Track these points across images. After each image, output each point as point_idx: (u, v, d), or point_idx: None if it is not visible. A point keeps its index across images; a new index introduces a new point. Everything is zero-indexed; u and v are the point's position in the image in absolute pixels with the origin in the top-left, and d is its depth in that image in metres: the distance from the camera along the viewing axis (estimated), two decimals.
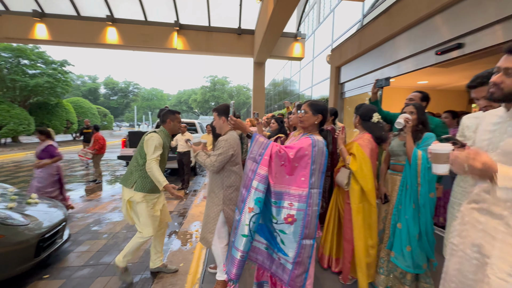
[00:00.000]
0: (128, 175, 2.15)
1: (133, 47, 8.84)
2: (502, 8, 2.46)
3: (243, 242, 1.48)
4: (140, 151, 2.16)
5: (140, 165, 2.14)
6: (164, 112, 2.25)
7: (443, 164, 1.13)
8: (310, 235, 1.53)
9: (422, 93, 2.42)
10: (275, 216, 1.52)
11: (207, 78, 43.75)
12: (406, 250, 1.83)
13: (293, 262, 1.49)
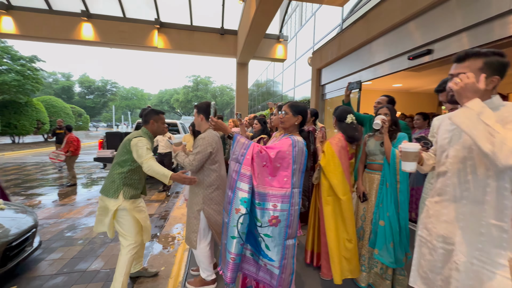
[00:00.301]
0: (110, 184, 1.95)
1: (110, 44, 8.49)
2: (468, 17, 2.65)
3: (234, 244, 1.50)
4: (123, 157, 1.95)
5: (124, 172, 1.95)
6: (147, 112, 2.08)
7: (412, 162, 1.22)
8: (293, 234, 1.56)
9: (389, 97, 2.58)
10: (259, 219, 1.52)
11: (190, 77, 43.04)
12: (390, 247, 1.90)
13: (280, 266, 1.50)
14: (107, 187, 1.96)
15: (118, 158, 1.98)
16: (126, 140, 1.97)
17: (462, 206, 1.08)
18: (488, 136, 0.86)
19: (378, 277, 2.06)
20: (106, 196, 1.94)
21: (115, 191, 1.93)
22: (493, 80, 1.01)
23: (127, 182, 1.97)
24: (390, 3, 3.68)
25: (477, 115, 0.90)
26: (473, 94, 0.94)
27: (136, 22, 8.39)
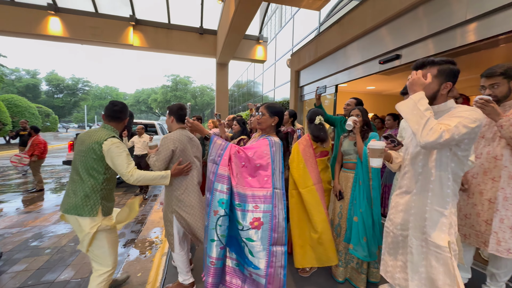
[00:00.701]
0: (83, 200, 1.60)
1: (81, 40, 8.03)
2: (433, 24, 2.86)
3: (213, 248, 1.45)
4: (93, 165, 1.61)
5: (100, 183, 1.64)
6: (123, 108, 1.79)
7: (378, 158, 1.34)
8: (280, 240, 1.47)
9: (357, 99, 2.74)
10: (240, 222, 1.46)
11: (169, 77, 41.87)
12: (363, 241, 1.99)
13: (266, 275, 1.40)
14: (78, 204, 1.60)
15: (85, 166, 1.61)
16: (93, 143, 1.60)
17: (413, 195, 1.22)
18: (418, 119, 1.03)
19: (355, 272, 2.16)
20: (79, 215, 1.59)
21: (92, 209, 1.61)
22: (446, 85, 1.15)
23: (104, 195, 1.67)
24: (362, 9, 3.86)
25: (414, 103, 1.06)
26: (419, 87, 1.10)
27: (110, 18, 8.02)
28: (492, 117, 1.50)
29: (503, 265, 1.71)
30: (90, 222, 1.61)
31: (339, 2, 6.46)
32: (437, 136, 0.98)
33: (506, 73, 1.55)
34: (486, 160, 1.66)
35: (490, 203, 1.63)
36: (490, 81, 1.61)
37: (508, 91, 1.58)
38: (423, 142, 1.01)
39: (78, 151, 1.65)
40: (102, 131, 1.68)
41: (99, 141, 1.61)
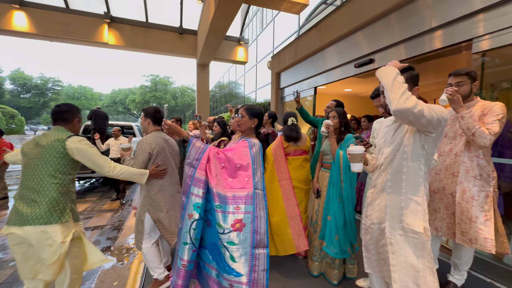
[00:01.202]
0: (49, 206, 1.43)
1: (50, 37, 7.54)
2: (404, 30, 3.02)
3: (185, 251, 1.43)
4: (57, 165, 1.49)
5: (66, 184, 1.51)
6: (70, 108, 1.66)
7: (359, 163, 1.40)
8: (262, 242, 1.45)
9: (337, 101, 2.85)
10: (221, 224, 1.39)
11: (148, 77, 40.64)
12: (335, 239, 2.08)
13: (248, 282, 1.35)
14: (44, 212, 1.41)
15: (46, 169, 1.47)
16: (54, 142, 1.49)
17: (388, 188, 1.30)
18: (398, 87, 1.11)
19: (329, 267, 2.25)
20: (48, 224, 1.40)
21: (63, 213, 1.45)
22: (415, 90, 1.26)
23: (71, 198, 1.55)
24: (338, 14, 4.01)
25: (396, 74, 1.16)
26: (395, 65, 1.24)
27: (82, 15, 7.61)
28: (455, 107, 1.65)
29: (463, 255, 1.86)
30: (63, 230, 1.44)
31: (317, 7, 6.65)
32: (412, 104, 1.06)
33: (470, 74, 1.73)
34: (448, 157, 1.81)
35: (452, 196, 1.77)
36: (457, 79, 1.76)
37: (469, 91, 1.75)
38: (399, 107, 1.07)
39: (33, 156, 1.50)
40: (57, 131, 1.56)
41: (60, 138, 1.51)
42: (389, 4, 3.07)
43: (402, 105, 1.05)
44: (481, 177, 1.67)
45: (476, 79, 1.74)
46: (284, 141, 2.57)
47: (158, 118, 2.06)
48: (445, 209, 1.83)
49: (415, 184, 1.22)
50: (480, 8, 2.20)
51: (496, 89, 2.34)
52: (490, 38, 2.17)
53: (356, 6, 3.61)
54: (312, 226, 2.37)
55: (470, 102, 1.77)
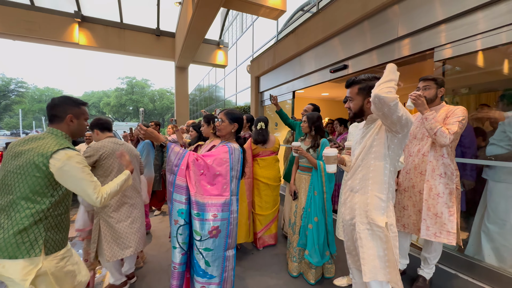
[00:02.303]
0: (16, 236, 1.13)
1: (12, 35, 7.00)
2: (376, 38, 3.17)
3: (175, 254, 1.49)
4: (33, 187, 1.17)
5: (44, 209, 1.19)
6: (59, 102, 1.34)
7: (333, 164, 1.49)
8: (232, 244, 1.58)
9: (314, 105, 2.93)
10: (199, 232, 1.47)
11: (123, 79, 39.03)
12: (316, 248, 2.13)
13: (220, 282, 1.50)
14: (8, 243, 1.12)
15: (21, 189, 1.16)
16: (36, 156, 1.17)
17: (357, 185, 1.36)
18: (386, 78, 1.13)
19: (307, 267, 2.29)
20: (10, 258, 1.12)
21: (32, 246, 1.15)
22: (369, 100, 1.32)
23: (51, 225, 1.22)
24: (314, 21, 4.14)
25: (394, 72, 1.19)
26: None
27: (49, 13, 7.16)
28: (420, 109, 1.78)
29: (433, 249, 1.97)
30: (25, 266, 1.13)
31: (294, 13, 6.83)
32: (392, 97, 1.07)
33: (436, 80, 1.89)
34: (416, 157, 1.92)
35: (420, 194, 1.88)
36: (424, 83, 1.93)
37: (434, 95, 1.90)
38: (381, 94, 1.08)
39: (12, 168, 1.19)
40: (49, 138, 1.25)
41: (45, 153, 1.18)
42: (361, 12, 3.22)
43: (384, 94, 1.08)
44: (445, 175, 1.80)
45: (442, 86, 1.90)
46: (253, 143, 2.87)
47: (103, 123, 2.05)
48: (412, 206, 1.95)
49: (380, 182, 1.29)
50: (442, 19, 2.38)
51: (457, 95, 2.54)
52: (451, 47, 2.35)
53: (331, 14, 3.76)
54: (291, 227, 2.39)
55: (436, 106, 1.92)
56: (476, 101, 2.51)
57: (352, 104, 1.39)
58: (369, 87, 1.31)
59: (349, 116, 1.44)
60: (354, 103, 1.38)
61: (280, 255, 2.77)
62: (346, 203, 1.43)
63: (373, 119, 1.36)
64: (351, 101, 1.39)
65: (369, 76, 1.35)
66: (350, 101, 1.40)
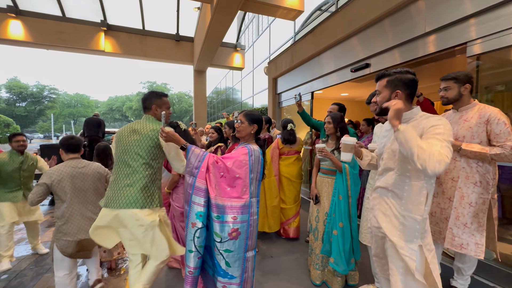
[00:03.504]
0: (142, 192, 1.60)
1: (46, 45, 7.54)
2: (398, 36, 3.05)
3: (191, 258, 1.48)
4: (150, 154, 1.64)
5: (155, 172, 1.68)
6: (147, 96, 1.79)
7: (349, 153, 1.46)
8: (253, 245, 1.56)
9: (339, 105, 2.84)
10: (219, 234, 1.47)
11: (144, 84, 40.77)
12: (342, 255, 2.04)
13: (241, 282, 1.49)
14: (138, 197, 1.59)
15: (141, 156, 1.62)
16: (150, 131, 1.64)
17: (387, 199, 1.28)
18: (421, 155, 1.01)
19: (330, 275, 2.20)
20: (141, 208, 1.58)
21: (152, 199, 1.64)
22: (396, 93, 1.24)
23: (158, 185, 1.72)
24: (333, 20, 4.06)
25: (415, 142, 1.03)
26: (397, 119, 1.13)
27: (79, 23, 7.64)
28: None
29: (467, 259, 1.83)
30: (151, 213, 1.63)
31: (312, 13, 6.74)
32: (444, 167, 0.99)
33: (457, 78, 1.73)
34: None
35: (449, 201, 1.75)
36: (444, 84, 1.80)
37: (457, 95, 1.75)
38: (431, 174, 1.01)
39: (129, 143, 1.64)
40: (147, 120, 1.74)
41: (154, 128, 1.67)
42: (382, 10, 3.11)
43: (434, 170, 0.99)
44: (480, 184, 1.65)
45: (467, 82, 1.72)
46: (281, 143, 3.18)
47: (68, 145, 2.01)
48: (440, 213, 1.81)
49: (417, 202, 1.18)
50: (475, 12, 2.23)
51: (491, 92, 2.36)
52: (485, 41, 2.19)
53: (351, 12, 3.66)
54: (313, 233, 2.33)
55: (466, 105, 1.76)
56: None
57: (379, 97, 1.32)
58: (398, 80, 1.24)
59: (375, 111, 1.36)
60: (381, 96, 1.30)
61: (300, 260, 2.72)
62: (374, 210, 1.36)
63: (407, 117, 1.26)
64: (378, 94, 1.32)
65: (401, 70, 1.27)
66: (378, 95, 1.33)
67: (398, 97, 1.24)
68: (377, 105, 1.32)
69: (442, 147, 1.04)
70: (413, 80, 1.25)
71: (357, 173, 2.17)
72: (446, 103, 1.82)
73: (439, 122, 1.13)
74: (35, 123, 37.85)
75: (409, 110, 1.26)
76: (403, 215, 1.20)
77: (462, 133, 1.71)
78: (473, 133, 1.66)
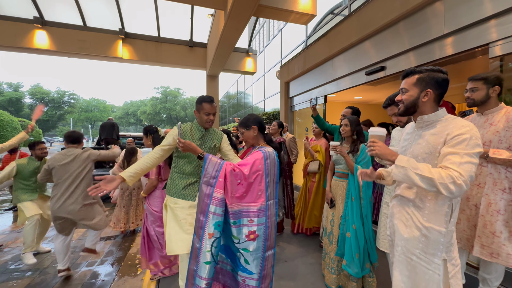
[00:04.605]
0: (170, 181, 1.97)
1: (68, 53, 7.92)
2: (413, 38, 3.01)
3: (207, 270, 1.45)
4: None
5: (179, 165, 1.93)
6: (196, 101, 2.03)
7: None
8: (271, 245, 1.58)
9: (353, 108, 2.81)
10: (236, 236, 1.50)
11: (158, 89, 41.85)
12: (356, 257, 2.00)
13: (259, 278, 1.50)
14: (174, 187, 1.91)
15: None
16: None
17: (409, 209, 1.21)
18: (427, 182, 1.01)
19: (346, 279, 2.17)
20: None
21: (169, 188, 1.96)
22: (426, 92, 1.16)
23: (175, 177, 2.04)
24: (347, 24, 4.04)
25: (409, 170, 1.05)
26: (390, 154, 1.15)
27: (98, 32, 7.98)
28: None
29: (493, 270, 1.74)
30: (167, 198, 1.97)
31: (324, 17, 6.73)
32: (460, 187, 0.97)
33: (486, 79, 1.65)
34: None
35: (476, 208, 1.67)
36: (471, 84, 1.71)
37: (485, 97, 1.67)
38: (452, 197, 1.00)
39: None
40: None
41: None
42: (398, 12, 3.07)
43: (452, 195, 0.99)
44: (510, 190, 1.57)
45: (496, 84, 1.65)
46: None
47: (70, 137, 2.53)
48: (466, 220, 1.73)
49: (440, 213, 1.11)
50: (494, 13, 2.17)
51: None
52: (507, 42, 2.12)
53: (365, 15, 3.64)
54: (328, 237, 2.30)
55: (492, 108, 1.68)
56: None
57: (406, 95, 1.20)
58: (430, 78, 1.14)
59: (399, 111, 1.26)
60: (408, 94, 1.19)
61: (315, 265, 2.68)
62: (394, 218, 1.29)
63: (424, 121, 1.19)
64: (405, 92, 1.21)
65: (433, 67, 1.17)
66: (404, 93, 1.21)
67: (428, 96, 1.15)
68: (402, 104, 1.22)
69: (461, 164, 0.99)
70: (446, 79, 1.16)
71: None
72: (471, 104, 1.73)
73: (464, 129, 1.05)
74: (55, 127, 39.63)
75: (434, 112, 1.18)
76: (426, 227, 1.12)
77: (488, 138, 1.64)
78: (501, 137, 1.59)
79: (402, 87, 1.23)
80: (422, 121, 1.21)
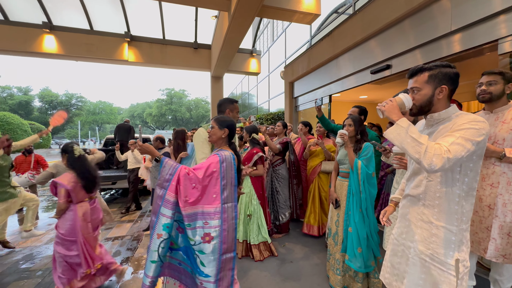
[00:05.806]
0: None
1: (76, 57, 8.07)
2: (419, 36, 2.97)
3: (152, 268, 1.50)
4: None
5: None
6: (222, 102, 2.08)
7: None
8: (230, 248, 1.58)
9: (360, 108, 2.78)
10: (192, 238, 1.52)
11: (163, 91, 42.25)
12: (358, 252, 2.00)
13: (215, 281, 1.51)
14: None
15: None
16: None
17: (418, 208, 1.19)
18: (416, 148, 0.99)
19: (351, 280, 2.15)
20: None
21: None
22: (441, 89, 1.12)
23: None
24: (352, 22, 4.01)
25: (405, 131, 1.03)
26: (396, 113, 1.10)
27: (105, 35, 8.12)
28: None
29: (504, 270, 1.70)
30: None
31: (328, 16, 6.70)
32: (442, 162, 0.94)
33: (504, 75, 1.62)
34: (484, 166, 1.64)
35: (489, 209, 1.62)
36: (489, 78, 1.66)
37: (502, 92, 1.63)
38: (429, 169, 0.97)
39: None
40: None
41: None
42: (404, 10, 3.04)
43: (431, 167, 0.95)
44: None
45: (511, 81, 1.61)
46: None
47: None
48: (479, 222, 1.67)
49: (449, 211, 1.08)
50: (503, 9, 2.13)
51: None
52: None
53: (370, 14, 3.61)
54: (333, 238, 2.28)
55: (503, 106, 1.64)
56: None
57: (419, 95, 1.14)
58: (443, 74, 1.10)
59: (411, 112, 1.20)
60: (422, 93, 1.13)
61: (320, 266, 2.67)
62: (404, 219, 1.27)
63: (435, 119, 1.15)
64: (417, 91, 1.15)
65: (441, 63, 1.13)
66: (416, 92, 1.16)
67: (443, 93, 1.11)
68: (414, 105, 1.17)
69: (453, 144, 0.96)
70: (458, 74, 1.12)
71: (371, 173, 2.11)
72: (488, 99, 1.66)
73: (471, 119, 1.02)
74: (64, 129, 40.37)
75: (446, 109, 1.14)
76: (437, 226, 1.11)
77: (501, 136, 1.60)
78: None
79: (413, 86, 1.17)
80: (433, 119, 1.17)
